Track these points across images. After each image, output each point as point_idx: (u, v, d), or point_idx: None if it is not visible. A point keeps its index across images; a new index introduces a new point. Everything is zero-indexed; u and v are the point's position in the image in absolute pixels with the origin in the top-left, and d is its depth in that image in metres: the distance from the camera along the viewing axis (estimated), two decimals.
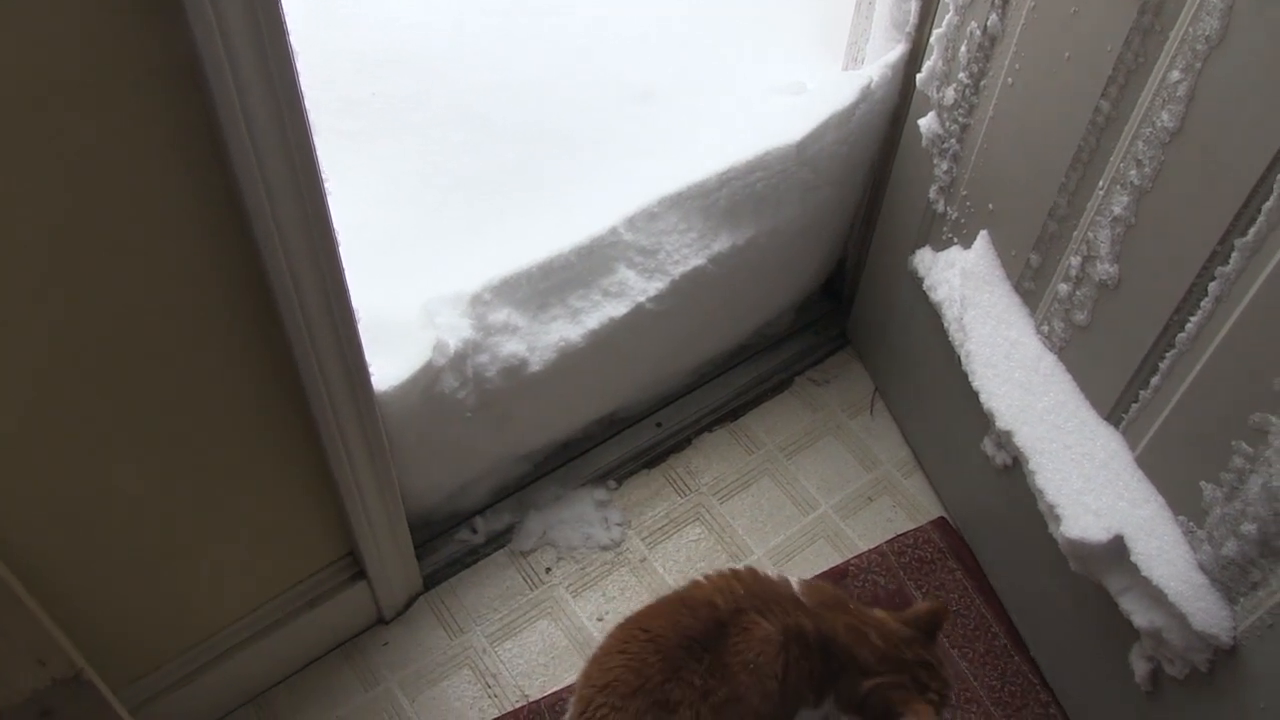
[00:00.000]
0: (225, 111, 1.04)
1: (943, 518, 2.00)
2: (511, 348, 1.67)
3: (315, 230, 1.21)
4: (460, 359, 1.62)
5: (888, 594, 1.89)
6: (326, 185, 1.19)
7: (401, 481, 1.66)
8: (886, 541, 1.96)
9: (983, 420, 1.69)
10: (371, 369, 1.45)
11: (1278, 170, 1.15)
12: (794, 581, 1.52)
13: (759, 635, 1.41)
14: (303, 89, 1.09)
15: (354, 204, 1.68)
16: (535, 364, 1.71)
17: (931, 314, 1.80)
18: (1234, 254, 1.23)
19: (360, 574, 1.73)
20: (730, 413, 2.11)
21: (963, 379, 1.70)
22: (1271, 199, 1.16)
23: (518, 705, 1.77)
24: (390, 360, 1.55)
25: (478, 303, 1.63)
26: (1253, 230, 1.20)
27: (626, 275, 1.75)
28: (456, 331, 1.60)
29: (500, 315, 1.66)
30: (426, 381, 1.59)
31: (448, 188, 1.80)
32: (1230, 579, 1.34)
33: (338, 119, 1.84)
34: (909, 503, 2.02)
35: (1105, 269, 1.43)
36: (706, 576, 1.50)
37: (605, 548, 1.93)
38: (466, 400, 1.66)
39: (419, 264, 1.68)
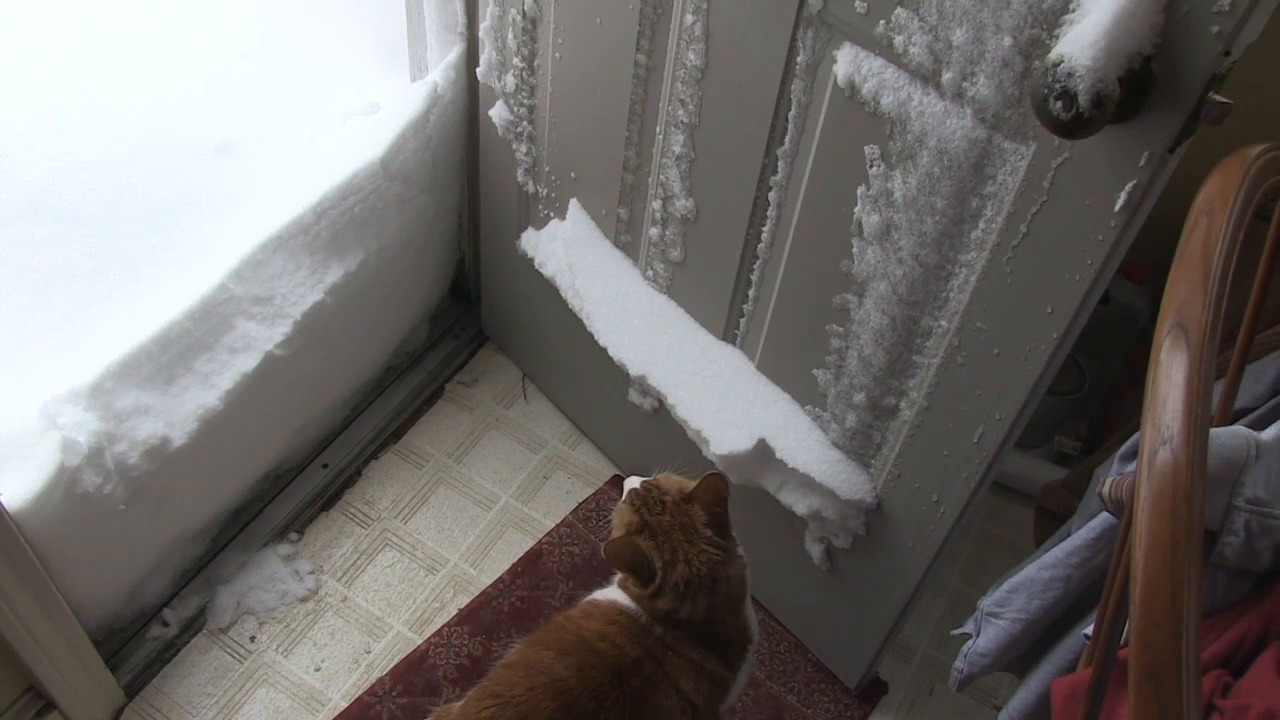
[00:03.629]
0: None
1: (616, 475, 2.10)
2: (149, 428, 1.62)
3: None
4: (96, 453, 1.55)
5: (584, 559, 1.97)
6: None
7: (69, 595, 1.58)
8: (571, 512, 2.04)
9: (621, 374, 1.78)
10: None
11: (790, 82, 1.29)
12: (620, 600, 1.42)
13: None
14: None
15: None
16: (178, 438, 1.66)
17: (550, 289, 1.88)
18: (779, 163, 1.37)
19: (49, 705, 1.63)
20: (392, 435, 2.13)
21: (592, 341, 1.79)
22: (793, 108, 1.31)
23: None
24: (18, 475, 1.48)
25: (99, 392, 1.57)
26: (787, 138, 1.34)
27: (247, 327, 1.74)
28: (84, 427, 1.54)
29: (128, 399, 1.61)
30: (64, 486, 1.52)
31: (40, 285, 1.71)
32: (859, 447, 1.50)
33: None
34: (582, 470, 2.11)
35: (682, 205, 1.55)
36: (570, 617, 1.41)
37: (304, 599, 1.91)
38: (115, 494, 1.60)
39: (27, 370, 1.60)
